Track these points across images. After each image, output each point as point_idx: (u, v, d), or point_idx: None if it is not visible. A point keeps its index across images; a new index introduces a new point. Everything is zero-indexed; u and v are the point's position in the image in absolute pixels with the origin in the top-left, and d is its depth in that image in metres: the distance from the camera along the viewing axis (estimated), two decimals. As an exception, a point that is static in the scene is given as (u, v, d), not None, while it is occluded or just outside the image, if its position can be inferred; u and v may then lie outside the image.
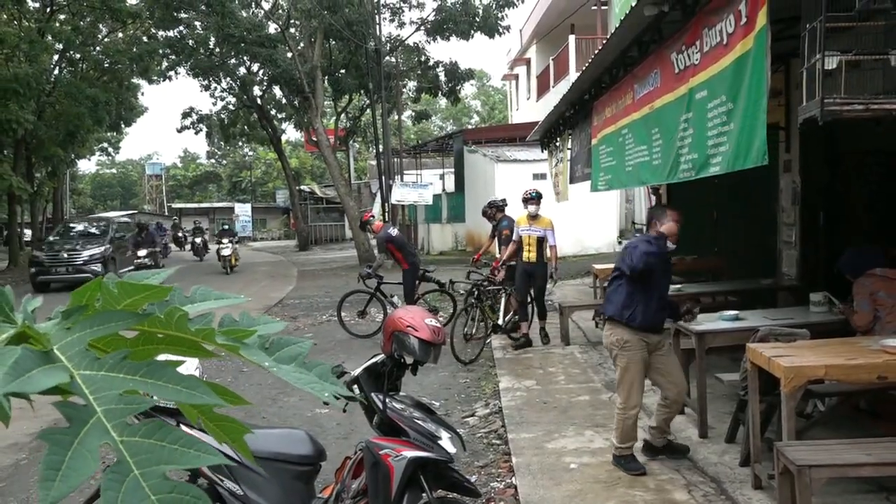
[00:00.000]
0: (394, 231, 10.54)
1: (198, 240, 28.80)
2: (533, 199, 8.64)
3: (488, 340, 8.94)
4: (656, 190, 12.18)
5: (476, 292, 8.98)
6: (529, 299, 8.98)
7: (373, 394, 3.35)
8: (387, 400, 3.30)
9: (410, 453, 3.15)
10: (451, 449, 3.27)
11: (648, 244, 4.58)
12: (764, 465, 4.13)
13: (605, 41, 6.46)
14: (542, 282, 8.83)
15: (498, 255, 11.20)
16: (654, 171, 5.36)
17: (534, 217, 8.62)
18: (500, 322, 8.96)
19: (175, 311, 0.79)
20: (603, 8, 20.45)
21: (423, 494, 3.21)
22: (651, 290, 4.67)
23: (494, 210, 9.91)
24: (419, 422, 3.29)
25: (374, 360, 3.48)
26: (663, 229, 4.63)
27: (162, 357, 0.82)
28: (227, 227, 23.69)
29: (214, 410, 0.85)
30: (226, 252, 21.21)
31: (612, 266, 11.59)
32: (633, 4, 5.03)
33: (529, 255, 8.58)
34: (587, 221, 18.78)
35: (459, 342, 8.53)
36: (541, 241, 8.56)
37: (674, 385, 4.80)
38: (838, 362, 3.78)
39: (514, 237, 8.73)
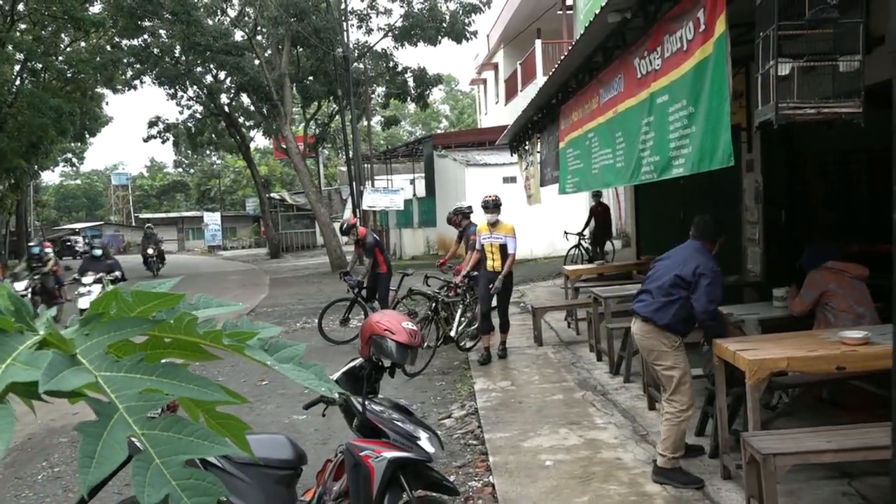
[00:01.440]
0: (377, 236, 11.00)
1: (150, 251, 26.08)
2: (489, 207, 8.31)
3: (434, 352, 8.62)
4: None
5: (434, 304, 8.97)
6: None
7: (352, 397, 3.42)
8: (366, 402, 3.37)
9: (390, 454, 3.23)
10: (430, 449, 3.35)
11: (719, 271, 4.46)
12: (732, 456, 4.28)
13: (571, 46, 6.60)
14: (506, 292, 8.44)
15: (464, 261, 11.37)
16: (618, 173, 5.51)
17: (493, 224, 8.28)
18: (452, 333, 8.77)
19: (185, 316, 0.87)
20: (569, 13, 20.72)
21: (404, 494, 3.28)
22: None
23: (461, 217, 9.72)
24: (398, 423, 3.36)
25: (352, 363, 3.55)
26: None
27: (165, 360, 0.90)
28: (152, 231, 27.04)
29: (217, 409, 0.93)
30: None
31: (582, 267, 11.68)
32: (598, 11, 5.18)
33: (494, 263, 8.21)
34: (558, 223, 19.00)
35: None
36: (504, 248, 8.19)
37: None
38: (799, 354, 3.94)
39: (477, 246, 8.40)
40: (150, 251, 26.00)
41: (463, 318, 8.91)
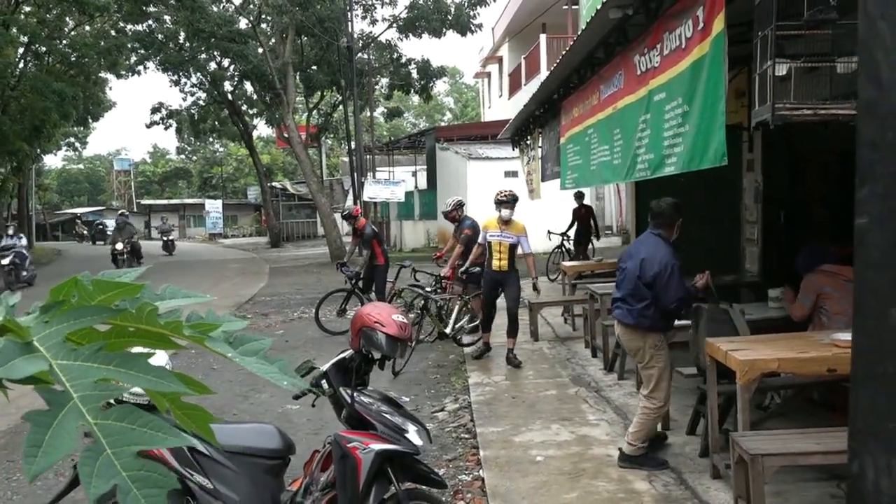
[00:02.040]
0: (375, 227, 10.96)
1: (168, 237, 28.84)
2: (508, 202, 7.68)
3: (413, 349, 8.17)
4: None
5: (424, 301, 8.86)
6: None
7: (341, 388, 3.42)
8: (355, 394, 3.38)
9: (378, 446, 3.23)
10: (417, 442, 3.35)
11: (676, 261, 4.50)
12: (722, 456, 4.28)
13: (573, 41, 6.58)
14: (514, 293, 7.88)
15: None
16: (615, 170, 5.50)
17: (506, 222, 7.69)
18: (447, 330, 8.62)
19: (146, 307, 0.86)
20: (574, 7, 20.66)
21: (391, 486, 3.28)
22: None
23: (460, 210, 9.65)
24: (386, 415, 3.36)
25: (342, 355, 3.55)
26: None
27: (135, 349, 0.89)
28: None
29: (182, 399, 0.92)
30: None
31: (580, 263, 11.63)
32: (599, 7, 5.15)
33: (500, 262, 7.71)
34: (557, 219, 18.98)
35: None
36: (513, 248, 7.70)
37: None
38: (791, 356, 3.93)
39: (480, 241, 8.04)
40: (119, 246, 19.48)
41: (461, 316, 8.72)
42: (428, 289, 9.16)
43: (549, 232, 15.73)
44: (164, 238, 29.46)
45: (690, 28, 3.78)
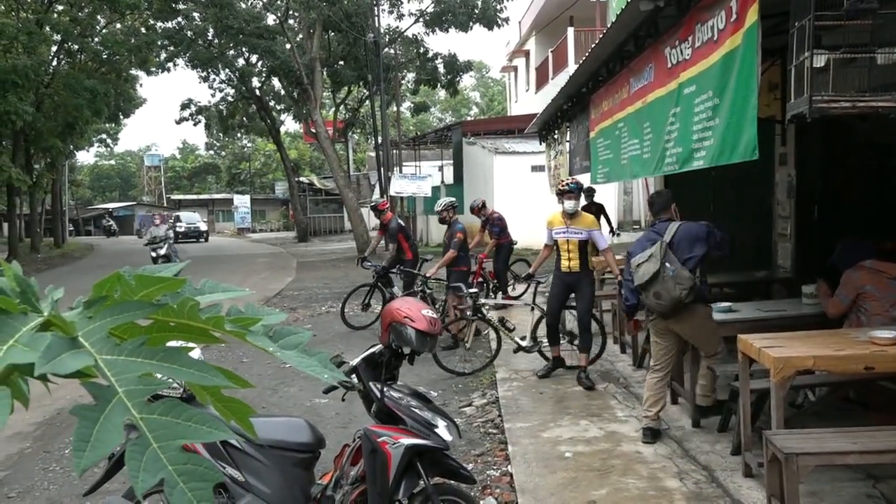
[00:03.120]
0: (402, 221, 10.97)
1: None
2: (571, 191, 6.70)
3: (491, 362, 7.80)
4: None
5: (478, 310, 7.73)
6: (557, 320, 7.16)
7: (371, 383, 3.43)
8: (384, 389, 3.38)
9: (408, 441, 3.23)
10: (447, 437, 3.35)
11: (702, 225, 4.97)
12: (754, 454, 4.22)
13: (603, 34, 6.51)
14: (587, 298, 6.81)
15: (486, 247, 11.19)
16: (644, 164, 5.44)
17: (571, 215, 6.72)
18: (524, 343, 7.51)
19: (187, 301, 0.86)
20: (602, 1, 20.46)
21: (420, 481, 3.29)
22: None
23: (451, 211, 9.23)
24: (416, 410, 3.37)
25: (372, 350, 3.56)
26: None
27: (173, 343, 0.89)
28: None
29: (223, 392, 0.92)
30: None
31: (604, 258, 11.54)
32: (630, -1, 5.09)
33: (570, 262, 6.71)
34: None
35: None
36: (583, 245, 6.72)
37: None
38: (826, 353, 3.86)
39: (547, 241, 6.94)
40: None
41: (536, 327, 7.62)
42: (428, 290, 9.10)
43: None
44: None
45: (723, 19, 3.71)
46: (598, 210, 13.14)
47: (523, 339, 7.56)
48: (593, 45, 6.82)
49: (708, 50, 3.98)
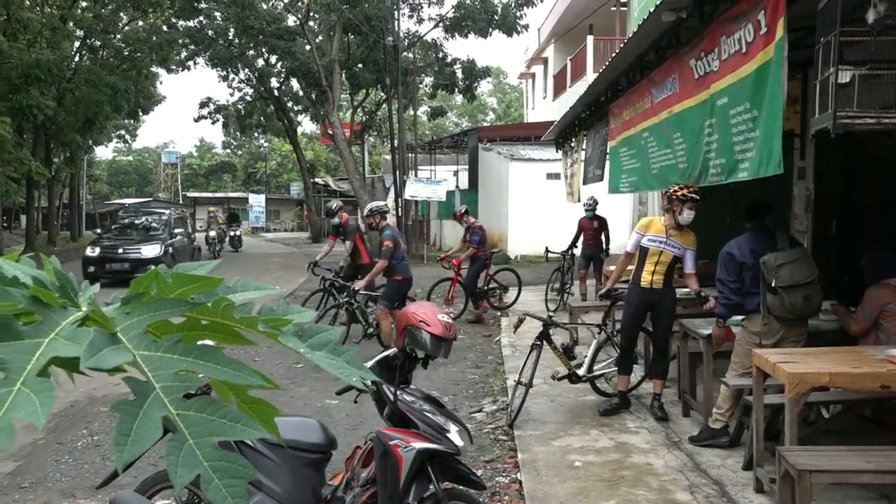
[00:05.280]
0: (361, 225, 10.38)
1: (235, 233, 28.47)
2: (686, 201, 5.63)
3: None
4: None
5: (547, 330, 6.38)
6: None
7: (384, 385, 3.44)
8: (398, 392, 3.39)
9: (419, 444, 3.24)
10: (458, 442, 3.35)
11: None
12: (766, 470, 4.19)
13: (623, 43, 6.51)
14: (668, 319, 6.02)
15: (457, 254, 11.13)
16: (682, 173, 5.42)
17: (679, 228, 5.81)
18: (580, 371, 6.41)
19: (222, 301, 0.88)
20: (622, 9, 20.43)
21: (431, 485, 3.29)
22: None
23: (379, 217, 8.71)
24: (429, 414, 3.37)
25: (386, 353, 3.57)
26: None
27: (204, 342, 0.91)
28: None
29: (249, 394, 0.93)
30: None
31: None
32: (652, 10, 5.09)
33: (655, 277, 5.86)
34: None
35: None
36: (675, 262, 5.92)
37: None
38: (842, 370, 3.83)
39: (630, 248, 6.12)
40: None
41: (600, 351, 6.69)
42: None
43: (548, 249, 12.70)
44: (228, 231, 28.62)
45: (752, 32, 3.70)
46: (601, 225, 11.74)
47: (579, 366, 6.43)
48: (613, 54, 6.82)
49: (737, 62, 3.98)
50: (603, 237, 11.64)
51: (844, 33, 2.98)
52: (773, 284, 4.64)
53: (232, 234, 28.34)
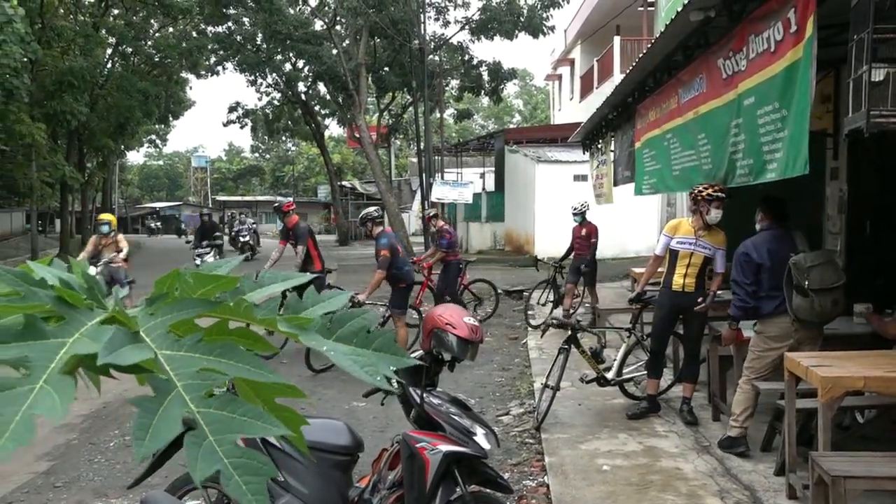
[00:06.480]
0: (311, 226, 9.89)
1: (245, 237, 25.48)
2: (712, 201, 5.51)
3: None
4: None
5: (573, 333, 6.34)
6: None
7: (411, 388, 3.43)
8: (424, 395, 3.39)
9: (446, 447, 3.23)
10: (485, 445, 3.33)
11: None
12: (799, 475, 4.11)
13: (650, 43, 6.44)
14: (700, 322, 5.90)
15: (429, 258, 10.49)
16: (707, 174, 5.34)
17: (707, 227, 5.71)
18: (609, 375, 6.38)
19: (242, 302, 0.88)
20: (649, 10, 20.27)
21: (458, 488, 3.27)
22: None
23: (371, 224, 8.29)
24: (455, 417, 3.36)
25: (413, 355, 3.57)
26: None
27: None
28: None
29: (276, 401, 0.92)
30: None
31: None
32: (680, 9, 5.03)
33: (687, 280, 5.76)
34: (628, 224, 18.67)
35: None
36: (706, 263, 5.80)
37: None
38: (878, 374, 3.74)
39: (659, 251, 6.01)
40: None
41: (630, 353, 6.63)
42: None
43: (538, 260, 12.23)
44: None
45: (781, 31, 3.64)
46: (588, 232, 10.68)
47: (607, 369, 6.38)
48: (640, 55, 6.76)
49: (765, 61, 3.91)
50: (591, 243, 10.60)
51: (878, 30, 2.92)
52: (805, 286, 4.53)
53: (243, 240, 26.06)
